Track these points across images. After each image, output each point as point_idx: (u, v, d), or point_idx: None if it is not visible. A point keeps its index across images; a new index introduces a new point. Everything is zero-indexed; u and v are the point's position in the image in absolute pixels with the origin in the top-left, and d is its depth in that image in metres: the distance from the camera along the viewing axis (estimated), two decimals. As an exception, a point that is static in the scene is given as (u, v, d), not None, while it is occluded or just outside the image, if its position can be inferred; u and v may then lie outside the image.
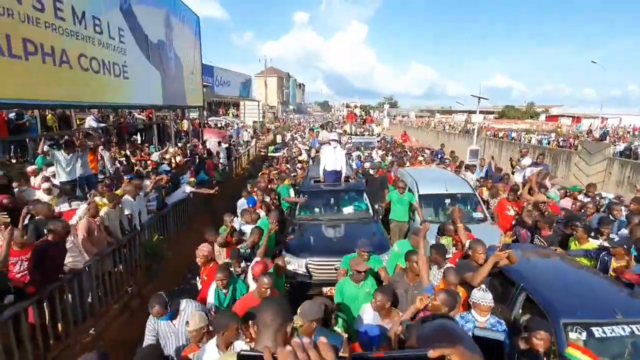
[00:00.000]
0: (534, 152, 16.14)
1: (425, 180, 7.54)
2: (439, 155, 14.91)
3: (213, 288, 3.82)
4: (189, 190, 8.09)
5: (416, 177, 7.66)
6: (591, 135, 28.06)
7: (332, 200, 7.25)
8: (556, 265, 4.05)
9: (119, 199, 5.44)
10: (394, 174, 9.26)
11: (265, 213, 6.26)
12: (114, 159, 9.08)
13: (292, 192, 7.93)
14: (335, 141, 8.47)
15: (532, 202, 6.47)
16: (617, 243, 4.39)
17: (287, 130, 34.33)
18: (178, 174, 8.95)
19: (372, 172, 10.90)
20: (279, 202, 7.85)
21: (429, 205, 7.05)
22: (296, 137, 26.77)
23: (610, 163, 17.92)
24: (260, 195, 6.83)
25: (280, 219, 6.87)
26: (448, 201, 7.11)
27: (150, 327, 3.26)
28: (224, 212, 6.94)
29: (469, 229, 5.04)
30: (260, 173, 10.98)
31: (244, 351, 0.99)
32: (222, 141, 15.07)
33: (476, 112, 22.55)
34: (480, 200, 7.19)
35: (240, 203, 7.11)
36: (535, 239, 5.34)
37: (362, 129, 22.42)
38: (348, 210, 6.88)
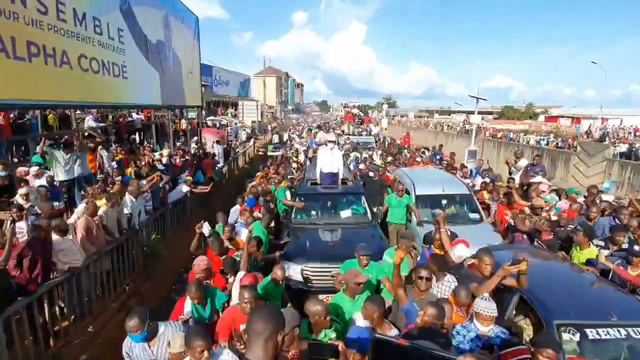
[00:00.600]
0: (531, 153, 16.18)
1: (422, 181, 7.60)
2: (437, 156, 14.99)
3: (189, 304, 3.53)
4: (185, 190, 8.14)
5: (413, 178, 7.73)
6: (590, 136, 28.12)
7: (330, 203, 7.03)
8: (551, 267, 4.05)
9: (117, 198, 5.48)
10: (392, 175, 9.32)
11: (262, 214, 6.16)
12: (113, 158, 9.13)
13: (288, 195, 7.73)
14: (332, 142, 8.39)
15: (524, 207, 6.42)
16: (633, 251, 4.15)
17: (286, 130, 34.33)
18: (178, 172, 9.00)
19: (372, 175, 10.83)
20: (275, 204, 7.79)
21: (426, 206, 7.10)
22: (293, 137, 26.72)
23: (609, 164, 17.76)
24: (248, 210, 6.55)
25: (275, 223, 6.72)
26: (445, 202, 7.18)
27: (124, 353, 2.92)
28: (224, 212, 6.95)
29: (455, 234, 4.78)
30: (256, 175, 11.01)
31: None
32: (220, 141, 15.11)
33: (475, 112, 22.59)
34: (477, 201, 7.24)
35: (234, 209, 6.96)
36: (535, 242, 5.19)
37: (360, 129, 22.51)
38: (346, 213, 6.60)
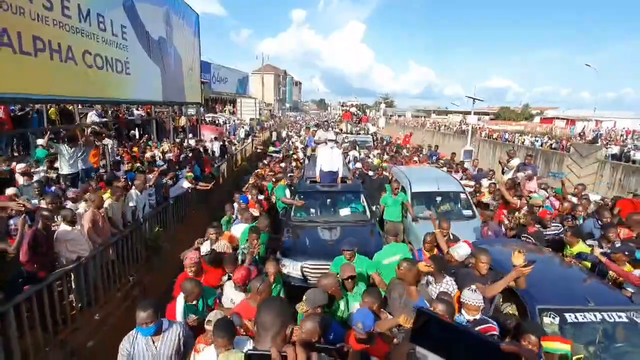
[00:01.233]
0: (526, 154, 16.45)
1: (418, 179, 7.81)
2: (433, 157, 15.22)
3: (181, 304, 3.36)
4: (186, 186, 8.28)
5: (409, 176, 7.93)
6: (584, 137, 28.49)
7: (329, 201, 7.12)
8: (536, 258, 4.31)
9: (122, 192, 5.63)
10: (388, 173, 9.49)
11: (259, 213, 6.22)
12: (117, 153, 9.26)
13: (287, 193, 7.76)
14: (332, 141, 8.42)
15: (515, 203, 6.59)
16: (617, 248, 4.35)
17: (283, 127, 34.47)
18: (181, 167, 9.13)
19: (371, 174, 10.91)
20: (273, 202, 7.84)
21: (421, 203, 7.32)
22: (292, 136, 26.91)
23: (601, 166, 18.20)
24: (254, 195, 6.84)
25: (275, 221, 6.73)
26: (439, 199, 7.39)
27: (124, 351, 2.75)
28: (220, 208, 7.04)
29: (457, 238, 4.93)
30: (254, 172, 11.13)
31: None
32: (218, 137, 15.24)
33: (471, 113, 22.86)
34: (470, 198, 7.44)
35: (227, 207, 6.93)
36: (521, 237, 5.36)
37: (358, 128, 22.69)
38: (345, 212, 6.70)
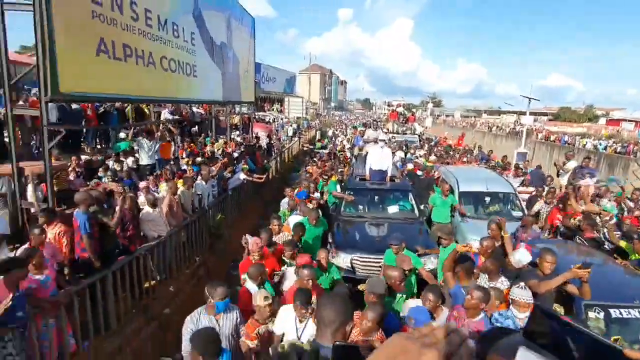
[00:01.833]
0: (583, 156, 15.45)
1: (466, 179, 7.83)
2: (484, 160, 14.84)
3: (254, 286, 3.58)
4: (242, 177, 8.95)
5: (457, 175, 7.98)
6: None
7: (378, 198, 7.32)
8: (583, 257, 4.39)
9: (192, 181, 6.34)
10: (437, 174, 9.49)
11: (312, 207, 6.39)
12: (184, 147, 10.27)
13: (338, 188, 8.03)
14: (382, 141, 8.59)
15: (579, 212, 6.34)
16: None
17: (329, 126, 34.96)
18: (237, 161, 9.87)
19: (420, 173, 10.92)
20: (324, 200, 8.04)
21: (469, 203, 7.35)
22: (338, 135, 27.37)
23: (673, 172, 16.65)
24: (312, 189, 7.19)
25: (325, 216, 6.94)
26: (488, 199, 7.37)
27: (189, 328, 2.96)
28: (271, 201, 7.51)
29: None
30: (304, 169, 11.62)
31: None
32: (269, 134, 16.02)
33: (526, 113, 21.77)
34: (520, 199, 7.33)
35: (284, 201, 7.28)
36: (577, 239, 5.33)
37: (405, 128, 22.56)
38: (393, 209, 6.87)
